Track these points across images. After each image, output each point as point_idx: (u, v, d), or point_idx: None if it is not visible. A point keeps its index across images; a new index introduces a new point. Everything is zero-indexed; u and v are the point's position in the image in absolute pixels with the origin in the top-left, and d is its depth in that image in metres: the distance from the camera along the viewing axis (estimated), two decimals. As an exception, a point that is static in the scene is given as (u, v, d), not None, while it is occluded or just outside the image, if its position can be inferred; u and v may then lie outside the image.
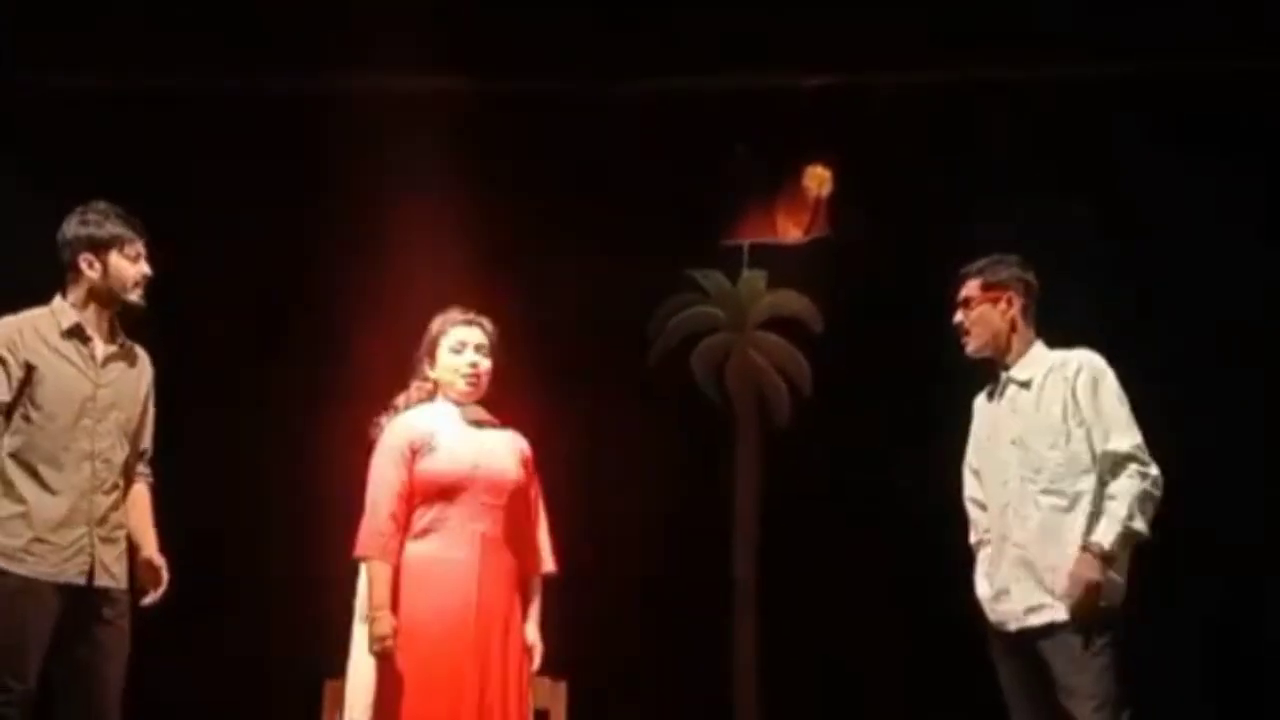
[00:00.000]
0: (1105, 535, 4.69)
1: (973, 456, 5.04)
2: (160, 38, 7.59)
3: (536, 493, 4.89)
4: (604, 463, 8.32)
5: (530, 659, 4.76)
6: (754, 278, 9.96)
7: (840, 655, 8.72)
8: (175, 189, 7.69)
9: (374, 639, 4.61)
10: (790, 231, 9.30)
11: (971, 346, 4.98)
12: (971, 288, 4.99)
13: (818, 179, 9.13)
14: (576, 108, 8.40)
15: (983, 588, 4.91)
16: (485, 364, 4.86)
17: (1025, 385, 4.89)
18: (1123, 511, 4.71)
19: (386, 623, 4.58)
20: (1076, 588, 4.67)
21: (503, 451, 4.82)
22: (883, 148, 8.49)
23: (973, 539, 5.02)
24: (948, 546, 5.28)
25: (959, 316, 4.98)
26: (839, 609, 8.77)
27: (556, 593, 5.01)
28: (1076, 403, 4.79)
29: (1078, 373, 4.82)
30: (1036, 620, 4.71)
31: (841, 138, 8.68)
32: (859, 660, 8.70)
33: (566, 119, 8.43)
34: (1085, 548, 4.70)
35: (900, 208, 8.59)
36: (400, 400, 4.95)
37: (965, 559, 5.08)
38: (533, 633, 4.78)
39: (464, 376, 4.84)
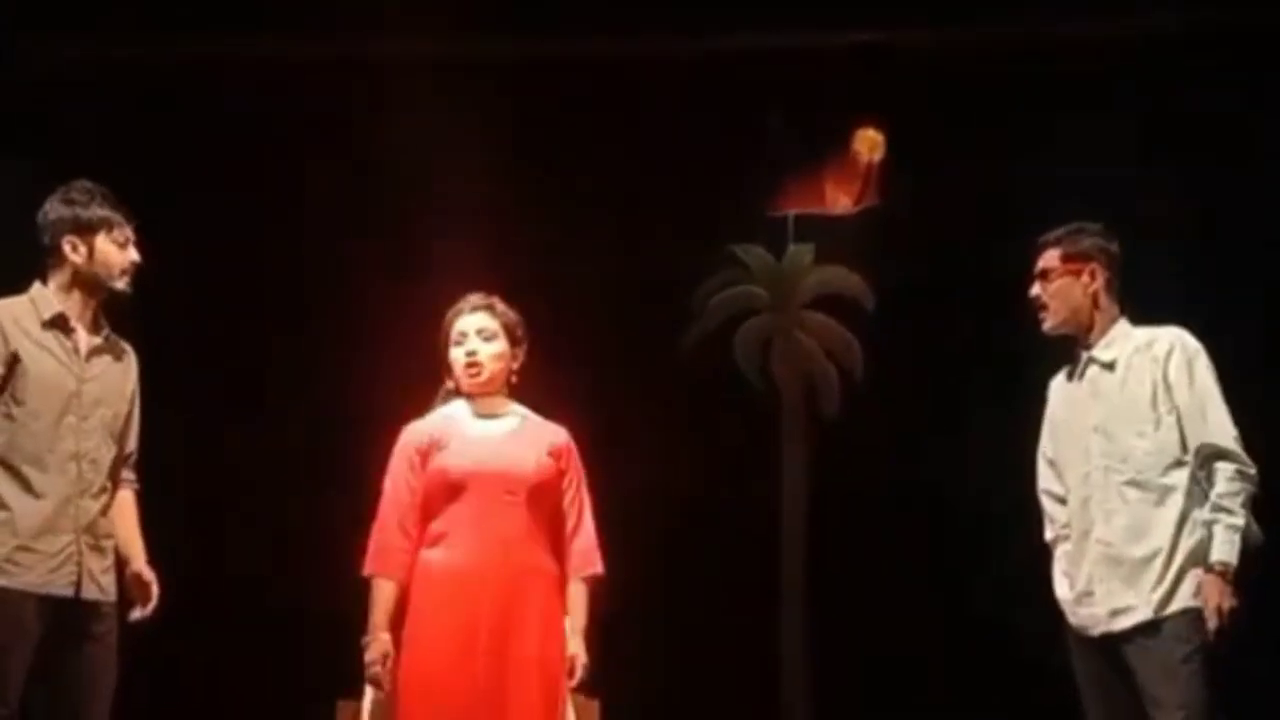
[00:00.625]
0: (1229, 552, 4.43)
1: (1048, 445, 4.75)
2: (156, 8, 7.60)
3: (576, 488, 4.64)
4: (637, 457, 8.06)
5: (570, 672, 4.47)
6: (800, 252, 9.88)
7: (896, 659, 8.66)
8: (176, 165, 7.74)
9: (366, 664, 4.41)
10: (840, 201, 9.24)
11: (1049, 323, 4.69)
12: (1050, 258, 4.70)
13: (869, 143, 9.06)
14: (605, 71, 8.25)
15: (1062, 588, 4.65)
16: (487, 350, 4.61)
17: (1109, 366, 4.62)
18: (1239, 521, 4.45)
19: (378, 647, 4.42)
20: (1213, 615, 4.38)
21: (520, 444, 4.57)
22: (940, 109, 8.36)
23: (1048, 535, 4.73)
24: (1012, 541, 5.17)
25: (1036, 289, 4.70)
26: (896, 611, 8.69)
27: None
28: (1168, 386, 4.53)
29: (1169, 353, 4.55)
30: (1122, 624, 4.46)
31: (894, 99, 8.52)
32: (914, 663, 8.64)
33: (594, 83, 8.30)
34: (1212, 569, 4.42)
35: (962, 174, 8.45)
36: (434, 406, 4.74)
37: (1029, 555, 4.84)
38: (573, 643, 4.49)
39: (465, 368, 4.61)
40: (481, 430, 4.61)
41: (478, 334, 4.60)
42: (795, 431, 9.77)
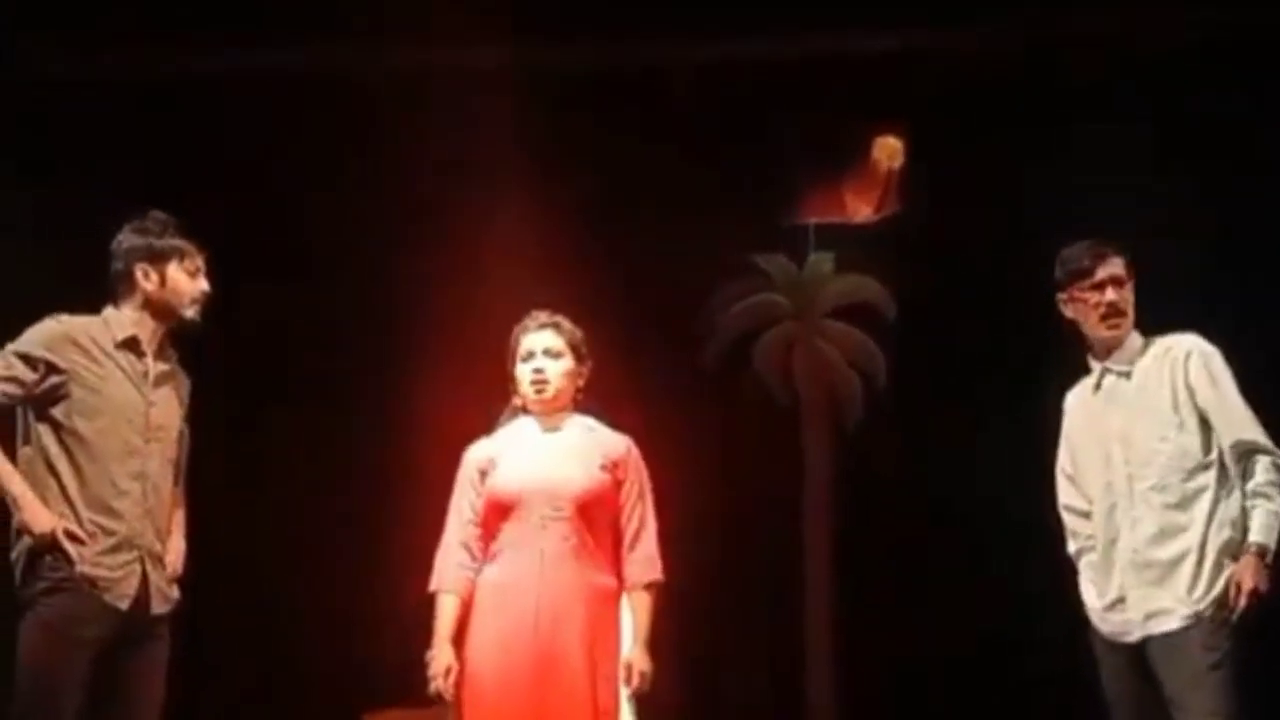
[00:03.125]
0: (1269, 535, 4.66)
1: (1067, 460, 5.01)
2: (158, 8, 7.67)
3: (637, 498, 4.90)
4: (658, 469, 8.10)
5: (626, 679, 4.72)
6: (821, 261, 9.98)
7: (923, 670, 8.80)
8: (202, 183, 7.70)
9: (430, 677, 4.72)
10: (860, 209, 9.26)
11: (1123, 329, 4.90)
12: (1118, 265, 4.91)
13: (889, 150, 9.10)
14: (623, 78, 8.36)
15: (1090, 596, 4.89)
16: (555, 368, 4.91)
17: (1125, 375, 4.88)
18: (1277, 506, 4.67)
19: (439, 661, 4.72)
20: (1244, 596, 4.62)
21: (573, 459, 4.85)
22: (958, 115, 8.42)
23: (1071, 549, 4.99)
24: (1040, 548, 5.31)
25: (1112, 295, 4.88)
26: (923, 621, 8.81)
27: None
28: (1190, 391, 4.78)
29: (1187, 358, 4.81)
30: (1161, 627, 4.70)
31: (913, 106, 8.62)
32: (942, 673, 8.76)
33: (612, 90, 8.39)
34: (1249, 550, 4.66)
35: (980, 182, 8.52)
36: (499, 422, 5.03)
37: (1056, 563, 5.08)
38: (630, 651, 4.75)
39: (531, 384, 4.90)
40: (537, 447, 4.90)
41: (545, 353, 4.91)
42: (818, 440, 9.89)
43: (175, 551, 4.85)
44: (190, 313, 4.82)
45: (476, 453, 4.93)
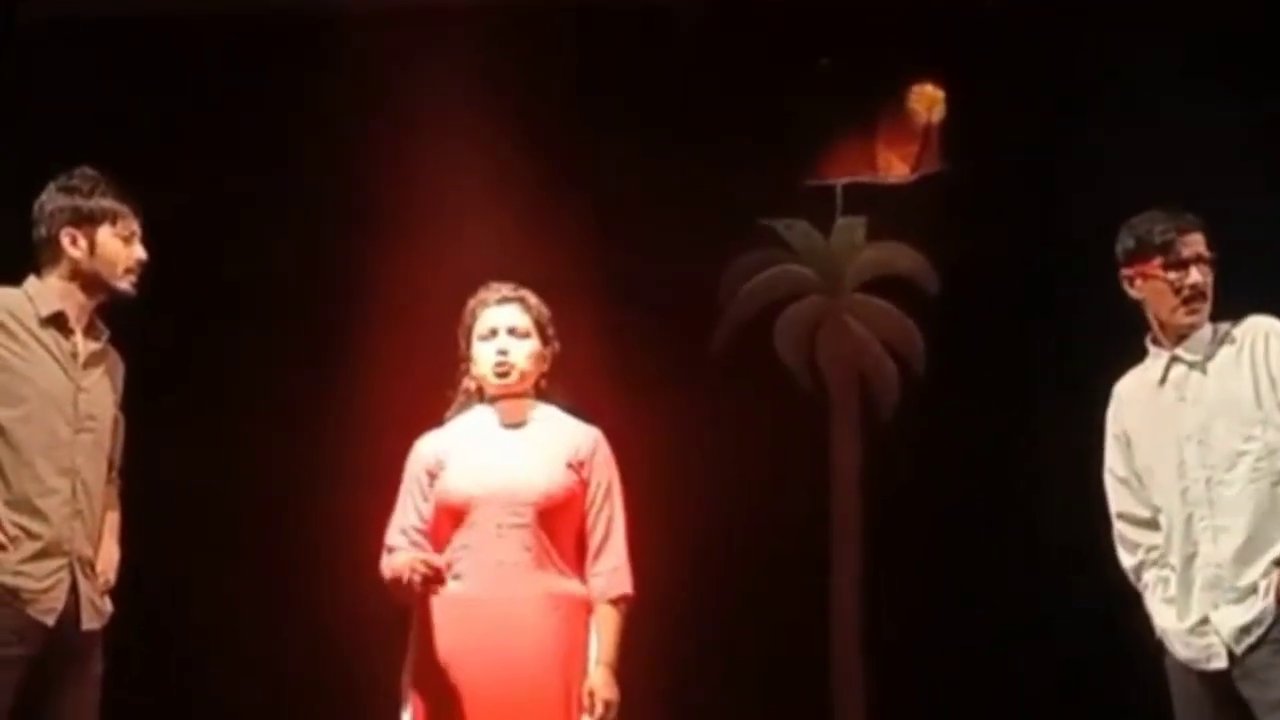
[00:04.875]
0: None
1: (1119, 462, 4.88)
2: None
3: (604, 499, 4.80)
4: (668, 463, 7.94)
5: (589, 708, 4.61)
6: (850, 226, 9.81)
7: (958, 685, 8.61)
8: (164, 126, 7.83)
9: (411, 572, 4.52)
10: (895, 167, 9.15)
11: (1204, 315, 4.79)
12: (1200, 243, 4.78)
13: (928, 100, 8.97)
14: (618, 13, 8.20)
15: (1165, 618, 4.75)
16: (521, 350, 4.79)
17: (1198, 366, 4.75)
18: None
19: (415, 559, 4.56)
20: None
21: (534, 457, 4.72)
22: (1008, 59, 8.25)
23: (1129, 563, 4.86)
24: (1091, 559, 5.18)
25: (1197, 275, 4.75)
26: (958, 636, 8.67)
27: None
28: (1274, 382, 4.64)
29: (1267, 343, 4.69)
30: (1253, 638, 4.58)
31: (957, 48, 8.44)
32: (977, 688, 8.57)
33: (606, 29, 8.24)
34: None
35: (1033, 136, 8.34)
36: (450, 412, 4.96)
37: (1107, 575, 4.99)
38: (594, 676, 4.64)
39: (494, 367, 4.77)
40: (492, 444, 4.71)
41: (509, 332, 4.74)
42: (847, 433, 9.74)
43: (108, 559, 4.73)
44: (124, 284, 4.69)
45: (424, 449, 4.80)
